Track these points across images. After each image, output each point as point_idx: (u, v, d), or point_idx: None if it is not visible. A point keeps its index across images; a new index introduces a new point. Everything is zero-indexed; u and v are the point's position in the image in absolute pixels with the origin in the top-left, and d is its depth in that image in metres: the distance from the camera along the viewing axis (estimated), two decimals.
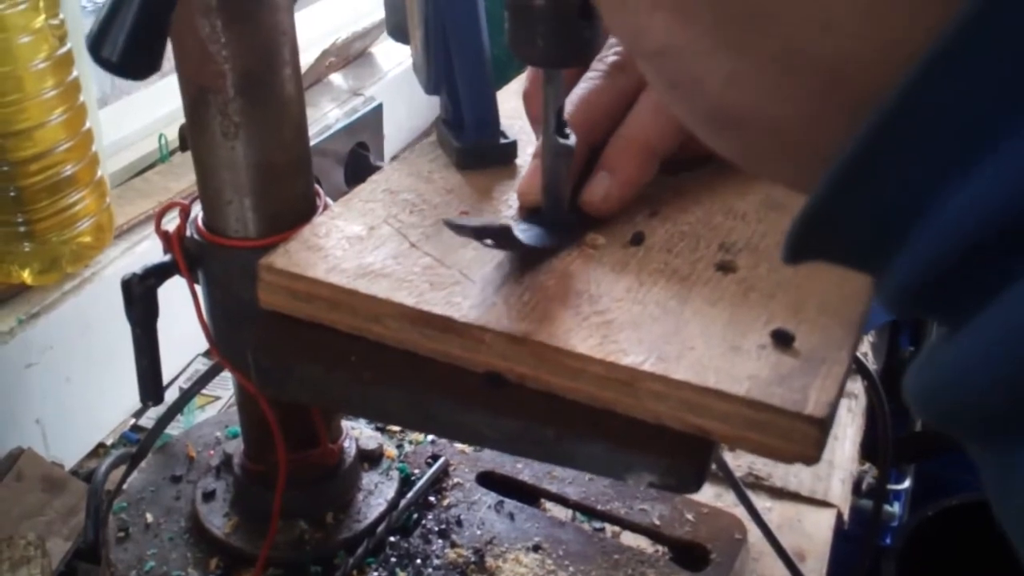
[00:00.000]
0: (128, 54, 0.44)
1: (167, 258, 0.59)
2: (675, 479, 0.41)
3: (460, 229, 0.46)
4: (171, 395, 0.78)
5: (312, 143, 1.14)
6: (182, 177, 1.01)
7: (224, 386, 0.94)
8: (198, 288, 0.60)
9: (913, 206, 0.21)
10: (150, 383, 0.62)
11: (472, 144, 0.59)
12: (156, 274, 0.58)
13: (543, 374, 0.43)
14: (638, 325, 0.44)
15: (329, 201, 0.60)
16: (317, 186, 0.60)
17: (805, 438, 0.38)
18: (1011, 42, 0.19)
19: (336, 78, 1.30)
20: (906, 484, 1.54)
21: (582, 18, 0.44)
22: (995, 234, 0.20)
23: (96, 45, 0.44)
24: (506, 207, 0.55)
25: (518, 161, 0.59)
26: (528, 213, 0.53)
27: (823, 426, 0.38)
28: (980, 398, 0.20)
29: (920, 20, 0.20)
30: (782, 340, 0.42)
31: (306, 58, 1.25)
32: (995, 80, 0.19)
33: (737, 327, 0.44)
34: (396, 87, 1.31)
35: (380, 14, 1.29)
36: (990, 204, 0.20)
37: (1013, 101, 0.19)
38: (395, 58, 1.36)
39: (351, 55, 1.33)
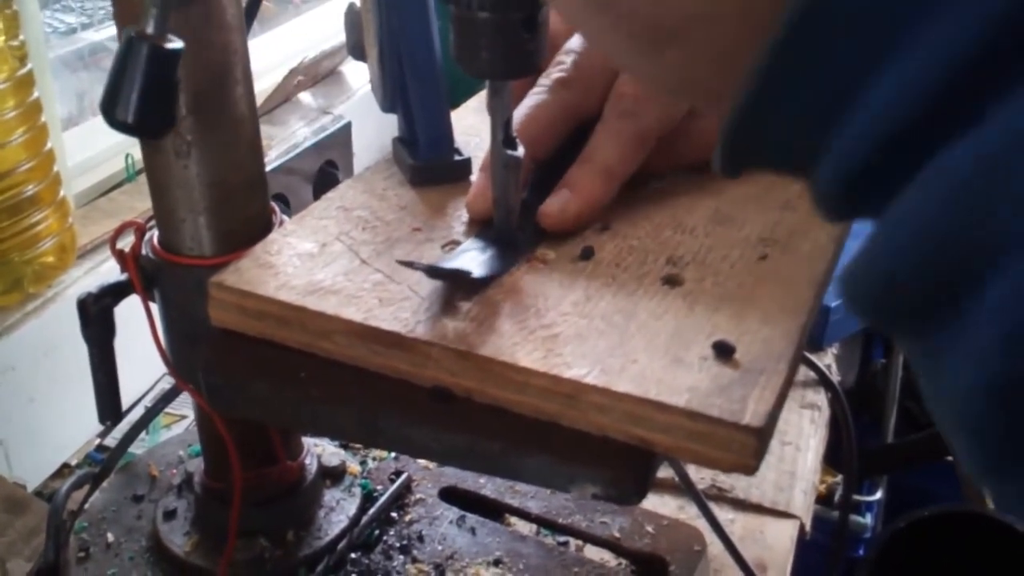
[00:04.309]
0: (143, 114, 0.45)
1: (123, 277, 0.59)
2: (617, 490, 0.41)
3: (414, 268, 0.47)
4: (138, 414, 0.78)
5: (281, 161, 1.15)
6: (148, 197, 1.01)
7: (190, 405, 0.94)
8: (154, 307, 0.60)
9: (836, 97, 0.21)
10: (107, 402, 0.62)
11: (426, 162, 0.59)
12: (112, 293, 0.58)
13: (489, 388, 0.44)
14: (583, 339, 0.44)
15: (285, 219, 0.60)
16: (273, 204, 0.61)
17: (743, 448, 0.39)
18: None
19: (305, 96, 1.31)
20: (878, 495, 1.55)
21: (526, 30, 0.44)
22: (906, 129, 0.20)
23: (109, 108, 0.45)
24: (459, 223, 0.55)
25: (472, 178, 0.60)
26: (479, 227, 0.54)
27: (761, 436, 0.39)
28: (893, 284, 0.20)
29: None
30: (723, 352, 0.43)
31: (274, 77, 1.25)
32: None
33: (680, 340, 0.44)
34: (365, 105, 1.32)
35: None
36: (902, 101, 0.20)
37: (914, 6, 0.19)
38: (364, 77, 1.37)
39: (320, 74, 1.34)
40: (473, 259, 0.50)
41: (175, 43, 0.46)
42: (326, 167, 1.22)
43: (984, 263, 0.18)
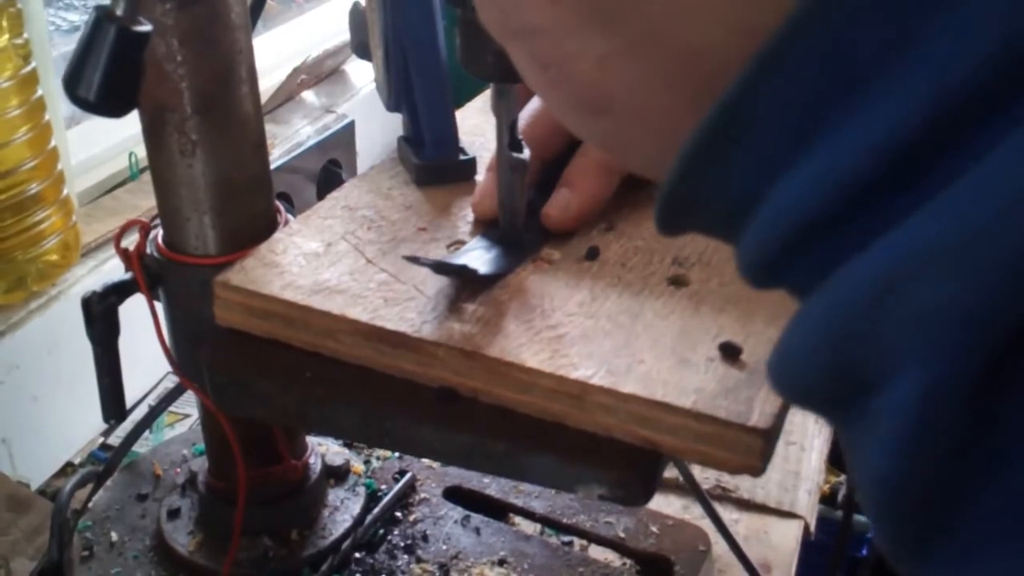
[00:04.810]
0: (105, 93, 0.44)
1: (127, 276, 0.59)
2: (624, 491, 0.41)
3: (419, 263, 0.47)
4: (141, 413, 0.78)
5: (284, 160, 1.15)
6: (151, 195, 1.01)
7: (194, 403, 0.94)
8: (158, 306, 0.60)
9: (752, 188, 0.22)
10: (112, 401, 0.62)
11: (431, 161, 0.59)
12: (116, 292, 0.58)
13: (495, 388, 0.44)
14: (589, 339, 0.44)
15: (290, 218, 0.60)
16: (278, 203, 0.61)
17: (749, 449, 0.39)
18: (844, 30, 0.19)
19: (308, 95, 1.31)
20: None
21: None
22: (821, 219, 0.20)
23: (71, 85, 0.45)
24: (464, 223, 0.55)
25: (477, 178, 0.60)
26: (484, 227, 0.54)
27: (767, 437, 0.39)
28: (803, 379, 0.21)
29: (776, 5, 0.20)
30: (730, 353, 0.43)
31: (278, 76, 1.25)
32: (824, 72, 0.20)
33: (687, 340, 0.44)
34: (368, 104, 1.32)
35: None
36: (813, 193, 0.20)
37: (840, 93, 0.20)
38: (367, 76, 1.37)
39: (323, 73, 1.34)
40: (478, 257, 0.50)
41: (144, 26, 0.46)
42: (329, 166, 1.22)
43: (883, 370, 0.20)
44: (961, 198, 0.19)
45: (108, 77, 0.44)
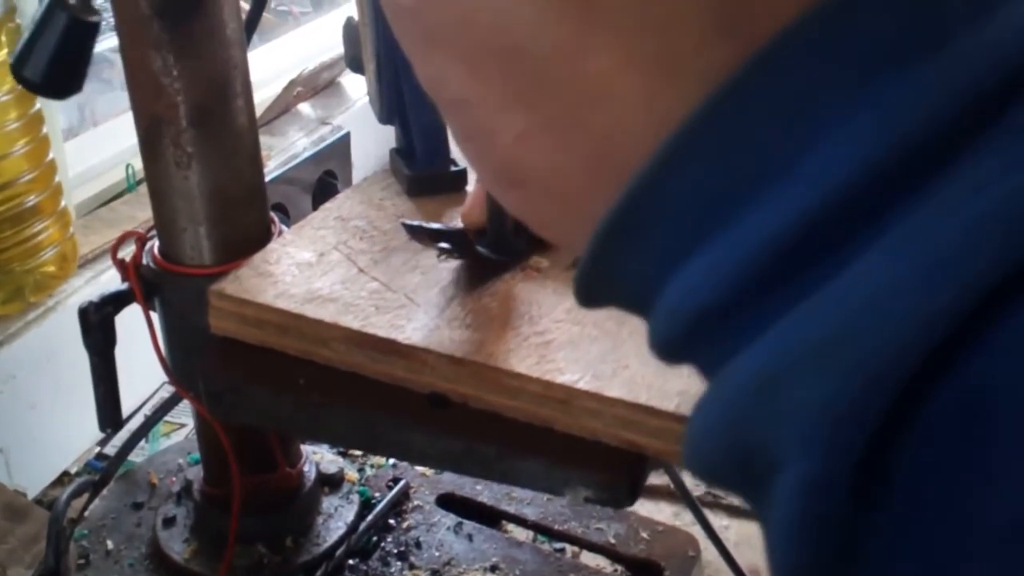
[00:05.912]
0: (50, 76, 0.46)
1: (124, 286, 0.60)
2: (609, 493, 0.42)
3: (416, 231, 0.48)
4: (137, 422, 0.78)
5: (280, 172, 1.16)
6: (148, 207, 1.01)
7: (189, 413, 0.94)
8: (154, 316, 0.61)
9: (655, 275, 0.22)
10: (108, 410, 0.63)
11: (422, 172, 0.60)
12: (113, 302, 0.59)
13: (484, 394, 0.45)
14: (576, 345, 0.45)
15: (284, 228, 0.61)
16: (272, 213, 0.62)
17: None
18: (737, 133, 0.20)
19: (304, 108, 1.32)
20: None
21: None
22: (714, 309, 0.21)
23: (19, 65, 0.46)
24: None
25: (468, 188, 0.61)
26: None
27: None
28: (712, 462, 0.22)
29: (690, 98, 0.21)
30: None
31: (274, 88, 1.26)
32: (717, 171, 0.21)
33: None
34: (364, 116, 1.32)
35: None
36: (706, 284, 0.21)
37: (733, 191, 0.21)
38: (363, 88, 1.38)
39: (319, 85, 1.35)
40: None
41: (95, 16, 0.47)
42: (325, 177, 1.23)
43: (772, 460, 0.20)
44: (828, 300, 0.20)
45: (54, 62, 0.46)
